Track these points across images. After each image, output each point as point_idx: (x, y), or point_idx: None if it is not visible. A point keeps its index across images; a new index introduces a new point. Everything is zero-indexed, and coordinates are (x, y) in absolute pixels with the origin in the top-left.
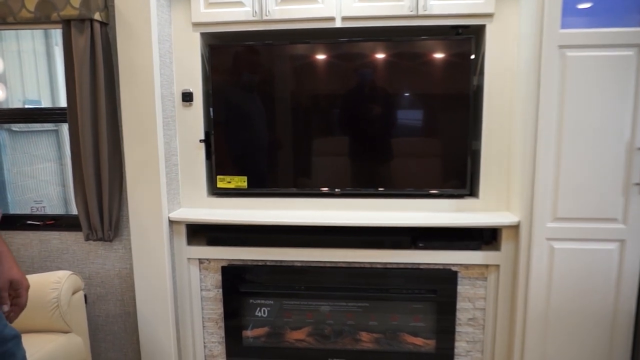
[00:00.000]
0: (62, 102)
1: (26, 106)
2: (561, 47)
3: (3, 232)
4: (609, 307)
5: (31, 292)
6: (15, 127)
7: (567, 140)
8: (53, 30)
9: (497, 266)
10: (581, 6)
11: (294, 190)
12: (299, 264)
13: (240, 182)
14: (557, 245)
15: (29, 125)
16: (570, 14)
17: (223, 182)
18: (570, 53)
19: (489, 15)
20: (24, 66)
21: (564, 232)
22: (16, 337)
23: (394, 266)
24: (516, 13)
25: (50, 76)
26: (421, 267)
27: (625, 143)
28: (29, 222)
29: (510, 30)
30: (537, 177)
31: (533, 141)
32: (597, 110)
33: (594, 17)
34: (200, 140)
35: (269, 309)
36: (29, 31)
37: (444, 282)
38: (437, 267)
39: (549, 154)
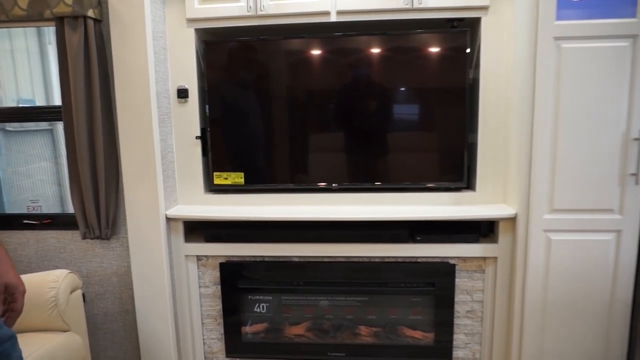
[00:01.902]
0: (57, 101)
1: (20, 105)
2: (556, 38)
3: (0, 233)
4: (606, 298)
5: (29, 292)
6: (10, 126)
7: (563, 132)
8: (46, 28)
9: (495, 258)
10: None
11: (291, 185)
12: (297, 259)
13: (237, 178)
14: (554, 236)
15: (24, 124)
16: (565, 5)
17: (220, 179)
18: (566, 45)
19: (484, 8)
20: (17, 65)
21: (561, 223)
22: (12, 338)
23: (392, 260)
24: (511, 5)
25: (44, 75)
26: (419, 260)
27: (620, 134)
28: (26, 221)
29: (506, 22)
30: (534, 169)
31: (529, 133)
32: (592, 102)
33: (588, 9)
34: (197, 137)
35: (267, 304)
36: (21, 29)
37: (442, 275)
38: (435, 260)
39: (545, 145)
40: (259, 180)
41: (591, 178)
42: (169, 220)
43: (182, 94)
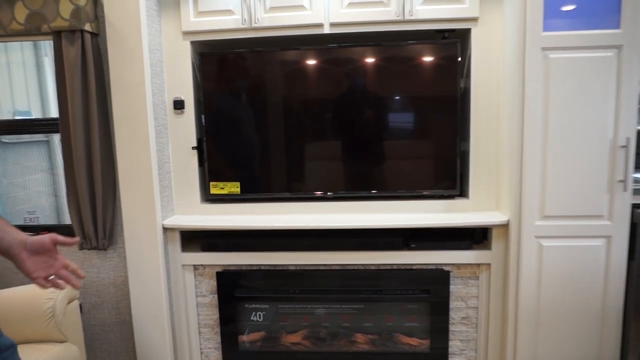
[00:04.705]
0: (53, 113)
1: (16, 117)
2: (544, 49)
3: None
4: (597, 303)
5: (26, 303)
6: (6, 138)
7: (552, 140)
8: (42, 42)
9: (488, 265)
10: (562, 9)
11: (287, 194)
12: (293, 268)
13: (234, 188)
14: (545, 242)
15: (20, 136)
16: (552, 16)
17: (216, 189)
18: (553, 55)
19: (474, 20)
20: (13, 77)
21: (552, 229)
22: (12, 347)
23: (388, 267)
24: (500, 16)
25: (40, 87)
26: (414, 267)
27: (608, 141)
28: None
29: (495, 33)
30: (525, 177)
31: (520, 141)
32: (580, 110)
33: (575, 20)
34: (193, 148)
35: (264, 313)
36: (18, 42)
37: (436, 282)
38: (429, 267)
39: (536, 153)
40: (255, 190)
41: (581, 185)
42: (165, 230)
43: (179, 105)
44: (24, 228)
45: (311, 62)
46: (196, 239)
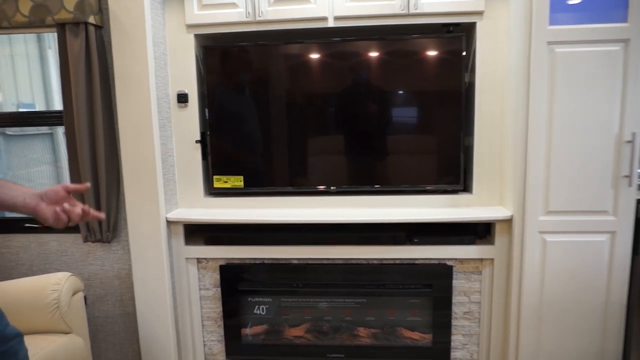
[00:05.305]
0: (56, 105)
1: (20, 109)
2: (550, 43)
3: (1, 237)
4: (601, 298)
5: (31, 294)
6: (10, 130)
7: (557, 135)
8: (46, 34)
9: (492, 260)
10: (569, 2)
11: (290, 188)
12: (296, 262)
13: (237, 181)
14: (549, 238)
15: (24, 128)
16: (558, 10)
17: (219, 182)
18: (559, 49)
19: (479, 13)
20: (17, 70)
21: (556, 225)
22: (18, 336)
23: (390, 262)
24: (506, 10)
25: (44, 79)
26: (417, 262)
27: (614, 136)
28: (27, 225)
29: (500, 27)
30: (529, 171)
31: (524, 136)
32: (586, 105)
33: (581, 13)
34: (196, 141)
35: (267, 306)
36: (21, 35)
37: (439, 276)
38: (432, 262)
39: (540, 148)
40: (259, 184)
41: (585, 180)
42: (169, 223)
43: (182, 98)
44: (28, 220)
45: (315, 55)
46: (200, 233)
